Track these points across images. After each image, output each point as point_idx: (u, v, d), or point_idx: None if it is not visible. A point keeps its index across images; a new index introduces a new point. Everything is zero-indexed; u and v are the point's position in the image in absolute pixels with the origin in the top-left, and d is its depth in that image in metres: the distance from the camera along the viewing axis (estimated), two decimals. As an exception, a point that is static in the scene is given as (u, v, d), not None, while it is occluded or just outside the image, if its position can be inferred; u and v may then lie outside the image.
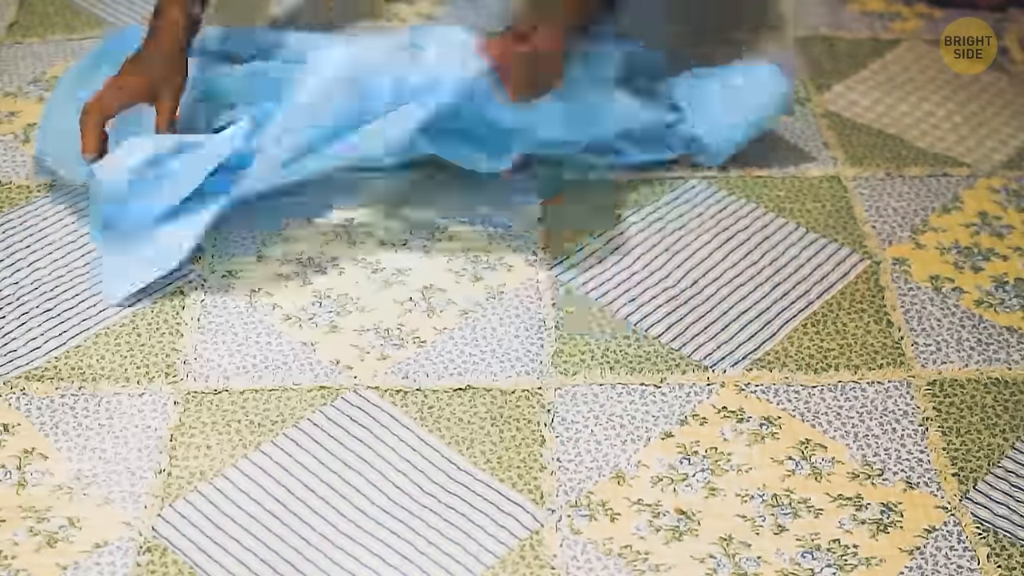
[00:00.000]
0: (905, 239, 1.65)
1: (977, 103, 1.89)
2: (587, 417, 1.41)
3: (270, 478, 1.33)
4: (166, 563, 1.25)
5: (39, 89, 1.86)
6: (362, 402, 1.41)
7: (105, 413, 1.39)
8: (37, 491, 1.31)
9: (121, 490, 1.31)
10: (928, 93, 1.92)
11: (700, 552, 1.27)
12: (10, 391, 1.41)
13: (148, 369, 1.44)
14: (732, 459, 1.36)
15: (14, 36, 1.98)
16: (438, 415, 1.40)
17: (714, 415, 1.41)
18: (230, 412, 1.40)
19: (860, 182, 1.74)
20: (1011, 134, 1.84)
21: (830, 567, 1.26)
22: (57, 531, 1.28)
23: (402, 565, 1.25)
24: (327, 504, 1.30)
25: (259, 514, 1.29)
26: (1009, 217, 1.70)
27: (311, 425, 1.38)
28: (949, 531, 1.30)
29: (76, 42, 1.96)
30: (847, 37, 2.03)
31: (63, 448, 1.35)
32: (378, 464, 1.35)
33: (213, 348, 1.47)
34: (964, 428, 1.41)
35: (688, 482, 1.34)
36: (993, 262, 1.62)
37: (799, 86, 1.92)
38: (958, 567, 1.27)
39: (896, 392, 1.44)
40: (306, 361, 1.46)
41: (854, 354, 1.49)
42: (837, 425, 1.41)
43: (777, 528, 1.30)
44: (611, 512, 1.31)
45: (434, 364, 1.46)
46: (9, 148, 1.75)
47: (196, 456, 1.35)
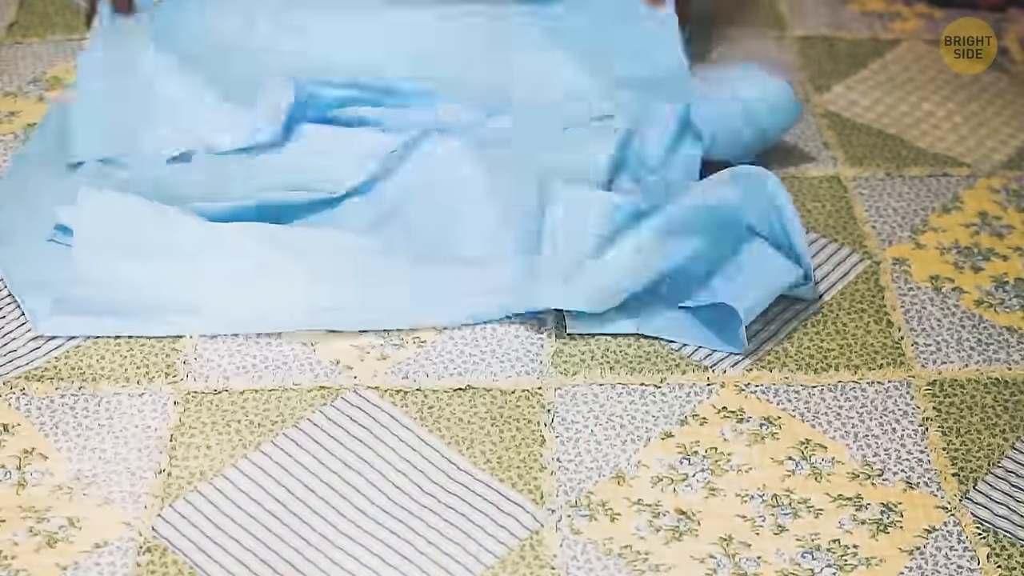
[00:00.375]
0: (905, 239, 1.65)
1: (977, 103, 1.89)
2: (587, 417, 1.41)
3: (270, 478, 1.33)
4: (166, 563, 1.25)
5: (39, 89, 1.86)
6: (362, 402, 1.41)
7: (105, 413, 1.39)
8: (37, 491, 1.31)
9: (121, 490, 1.31)
10: (928, 93, 1.92)
11: (700, 552, 1.27)
12: (10, 391, 1.41)
13: (148, 369, 1.44)
14: (732, 459, 1.36)
15: (14, 36, 1.98)
16: (438, 415, 1.40)
17: (714, 415, 1.41)
18: (230, 412, 1.40)
19: (860, 182, 1.74)
20: (1011, 134, 1.84)
21: (830, 567, 1.26)
22: (57, 531, 1.28)
23: (402, 565, 1.25)
24: (327, 504, 1.30)
25: (259, 514, 1.29)
26: (1009, 217, 1.70)
27: (311, 425, 1.38)
28: (949, 531, 1.30)
29: (76, 42, 1.96)
30: (847, 37, 2.03)
31: (63, 448, 1.35)
32: (378, 464, 1.35)
33: (213, 348, 1.47)
34: (964, 428, 1.41)
35: (688, 482, 1.34)
36: (993, 262, 1.62)
37: (798, 87, 1.92)
38: (958, 567, 1.27)
39: (896, 392, 1.44)
40: (306, 361, 1.46)
41: (854, 354, 1.49)
42: (837, 425, 1.41)
43: (777, 528, 1.30)
44: (611, 512, 1.31)
45: (434, 364, 1.46)
46: (9, 148, 1.75)
47: (196, 456, 1.35)
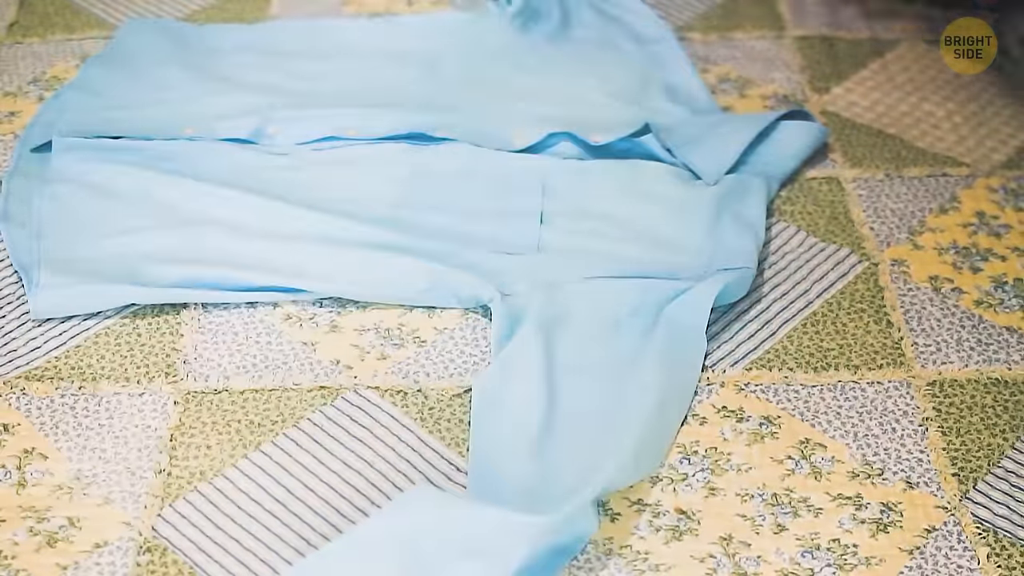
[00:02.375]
0: (903, 240, 1.65)
1: (977, 103, 1.89)
2: (587, 417, 1.41)
3: (270, 478, 1.33)
4: (166, 563, 1.25)
5: (39, 89, 1.86)
6: (362, 402, 1.41)
7: (105, 413, 1.39)
8: (37, 491, 1.31)
9: (121, 490, 1.31)
10: (928, 93, 1.92)
11: (700, 552, 1.27)
12: (10, 391, 1.41)
13: (148, 369, 1.44)
14: (732, 459, 1.36)
15: (14, 36, 1.98)
16: (438, 416, 1.40)
17: (714, 415, 1.41)
18: (230, 412, 1.40)
19: (859, 183, 1.74)
20: (1011, 134, 1.84)
21: (830, 567, 1.26)
22: (57, 531, 1.28)
23: (402, 565, 1.25)
24: (327, 504, 1.30)
25: (259, 514, 1.29)
26: (1007, 216, 1.70)
27: (311, 425, 1.38)
28: (949, 531, 1.30)
29: (76, 42, 1.96)
30: (847, 37, 2.03)
31: (63, 448, 1.35)
32: (378, 464, 1.35)
33: (213, 348, 1.47)
34: (964, 428, 1.41)
35: (688, 482, 1.34)
36: (991, 262, 1.62)
37: (797, 87, 1.92)
38: (958, 567, 1.27)
39: (896, 392, 1.45)
40: (306, 361, 1.46)
41: (854, 354, 1.49)
42: (837, 425, 1.41)
43: (777, 528, 1.30)
44: (611, 512, 1.31)
45: (434, 364, 1.46)
46: (9, 148, 1.75)
47: (196, 456, 1.35)
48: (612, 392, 1.39)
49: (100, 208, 1.60)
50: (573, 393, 1.39)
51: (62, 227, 1.58)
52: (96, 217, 1.59)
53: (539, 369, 1.40)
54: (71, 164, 1.66)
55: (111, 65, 1.86)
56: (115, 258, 1.53)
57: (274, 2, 2.05)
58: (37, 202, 1.60)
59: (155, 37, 1.91)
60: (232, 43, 1.92)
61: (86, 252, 1.54)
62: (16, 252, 1.55)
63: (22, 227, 1.58)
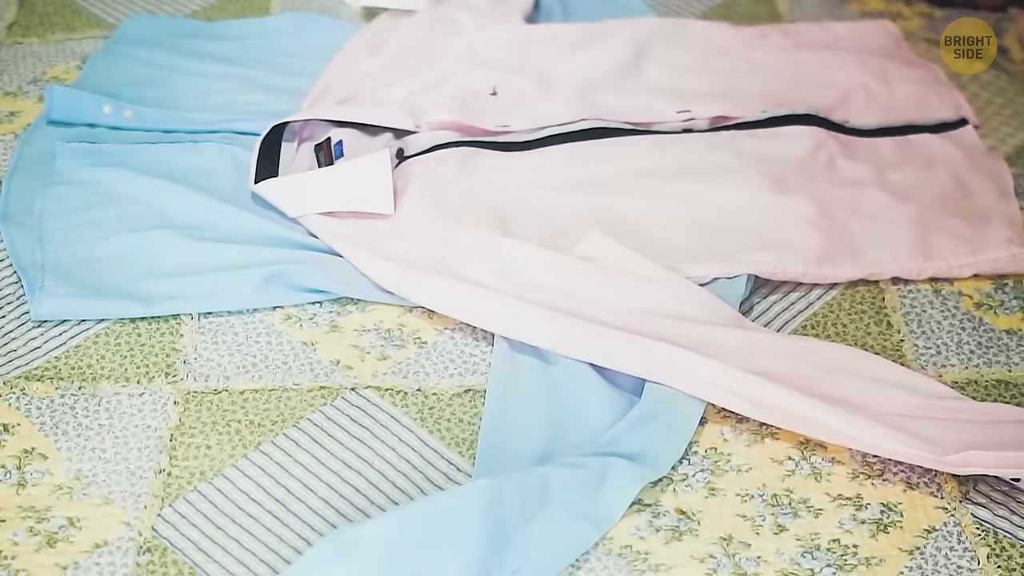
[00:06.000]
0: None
1: (977, 103, 1.89)
2: (587, 417, 1.41)
3: (270, 478, 1.33)
4: (166, 563, 1.25)
5: (39, 89, 1.86)
6: (362, 402, 1.41)
7: (105, 413, 1.39)
8: (37, 491, 1.31)
9: (121, 490, 1.31)
10: (928, 93, 1.92)
11: (700, 552, 1.27)
12: (10, 391, 1.41)
13: (148, 369, 1.44)
14: (732, 459, 1.36)
15: (14, 36, 1.98)
16: (439, 416, 1.40)
17: (714, 415, 1.41)
18: (230, 412, 1.40)
19: (860, 183, 1.74)
20: (1010, 133, 1.84)
21: (830, 567, 1.26)
22: (57, 531, 1.28)
23: (402, 565, 1.25)
24: (327, 504, 1.30)
25: (259, 514, 1.29)
26: (1009, 218, 1.70)
27: (311, 425, 1.38)
28: (949, 531, 1.30)
29: (76, 42, 1.96)
30: (847, 37, 2.03)
31: (63, 448, 1.35)
32: (378, 464, 1.35)
33: (213, 348, 1.47)
34: (964, 428, 1.41)
35: (688, 482, 1.34)
36: (993, 263, 1.62)
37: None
38: (958, 567, 1.27)
39: (896, 392, 1.44)
40: (306, 361, 1.46)
41: (854, 354, 1.49)
42: (837, 425, 1.41)
43: (777, 528, 1.30)
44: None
45: (435, 364, 1.46)
46: (9, 148, 1.75)
47: (196, 456, 1.35)
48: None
49: (105, 212, 1.60)
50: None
51: (66, 230, 1.57)
52: (100, 221, 1.59)
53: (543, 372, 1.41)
54: (75, 166, 1.66)
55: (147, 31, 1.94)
56: (118, 267, 1.53)
57: (274, 2, 2.06)
58: (39, 203, 1.60)
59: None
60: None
61: (91, 257, 1.54)
62: (16, 252, 1.55)
63: (22, 227, 1.58)
